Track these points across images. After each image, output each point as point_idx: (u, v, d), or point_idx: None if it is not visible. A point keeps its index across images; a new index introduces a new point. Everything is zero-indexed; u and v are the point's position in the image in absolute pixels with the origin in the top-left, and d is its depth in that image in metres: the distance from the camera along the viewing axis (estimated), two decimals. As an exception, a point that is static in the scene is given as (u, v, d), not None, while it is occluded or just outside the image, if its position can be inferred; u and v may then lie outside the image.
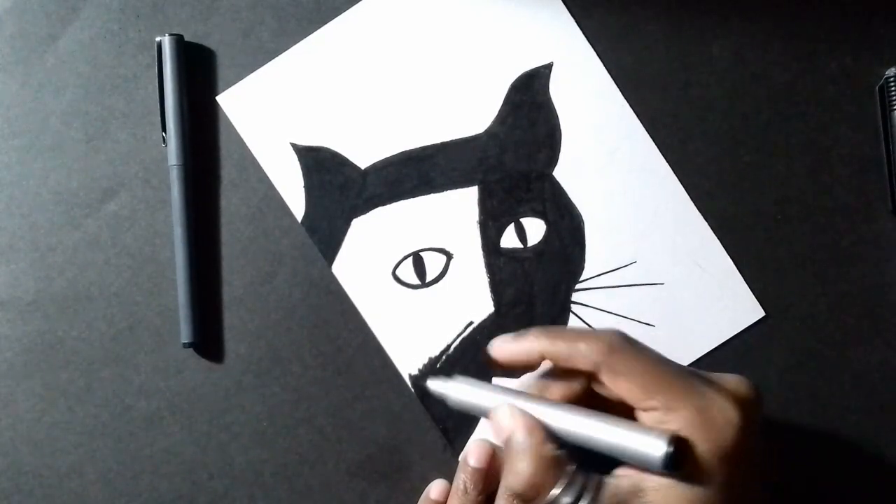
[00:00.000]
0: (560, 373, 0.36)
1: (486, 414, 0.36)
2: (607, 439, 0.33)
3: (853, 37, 0.43)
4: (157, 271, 0.43)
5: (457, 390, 0.37)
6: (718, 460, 0.32)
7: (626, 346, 0.34)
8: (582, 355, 0.34)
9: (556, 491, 0.33)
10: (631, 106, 0.43)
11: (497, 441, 0.36)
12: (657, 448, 0.31)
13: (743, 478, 0.32)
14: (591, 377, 0.35)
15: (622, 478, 0.33)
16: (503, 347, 0.37)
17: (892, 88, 0.41)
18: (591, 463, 0.34)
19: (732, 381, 0.34)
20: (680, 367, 0.35)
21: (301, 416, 0.43)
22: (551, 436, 0.34)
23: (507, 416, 0.35)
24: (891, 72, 0.42)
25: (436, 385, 0.38)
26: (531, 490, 0.33)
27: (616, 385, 0.34)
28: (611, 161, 0.43)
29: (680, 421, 0.32)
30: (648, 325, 0.43)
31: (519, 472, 0.34)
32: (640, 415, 0.33)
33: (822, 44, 0.43)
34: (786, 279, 0.43)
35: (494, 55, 0.43)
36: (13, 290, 0.43)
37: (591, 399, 0.35)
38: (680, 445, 0.31)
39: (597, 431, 0.33)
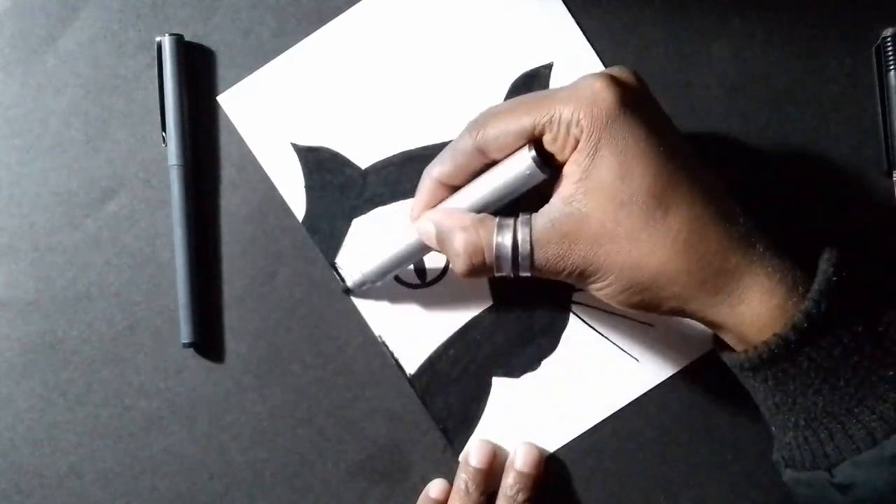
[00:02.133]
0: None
1: (406, 255, 0.40)
2: (496, 183, 0.36)
3: (853, 37, 0.43)
4: (157, 271, 0.43)
5: (368, 265, 0.41)
6: (602, 127, 0.32)
7: (489, 113, 0.36)
8: (477, 146, 0.36)
9: (495, 243, 0.34)
10: (631, 106, 0.43)
11: (435, 246, 0.37)
12: (525, 158, 0.34)
13: (638, 138, 0.33)
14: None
15: (549, 204, 0.34)
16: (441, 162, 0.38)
17: (889, 49, 0.41)
18: None
19: (610, 68, 0.35)
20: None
21: (301, 416, 0.43)
22: (466, 211, 0.36)
23: (425, 220, 0.37)
24: (887, 32, 0.41)
25: (352, 280, 0.42)
26: (475, 256, 0.35)
27: (504, 125, 0.35)
28: (611, 161, 0.43)
29: (561, 107, 0.33)
30: (648, 325, 0.43)
31: (456, 248, 0.35)
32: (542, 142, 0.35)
33: (822, 43, 0.43)
34: (786, 279, 0.43)
35: (494, 55, 0.43)
36: (13, 290, 0.43)
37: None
38: (539, 146, 0.34)
39: (486, 184, 0.36)
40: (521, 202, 0.36)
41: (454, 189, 0.37)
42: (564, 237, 0.33)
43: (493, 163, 0.36)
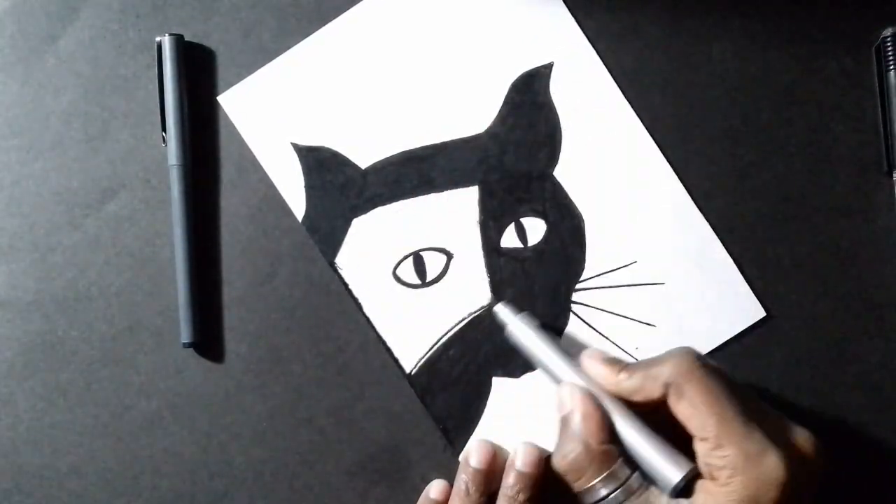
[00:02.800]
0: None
1: (541, 366, 0.40)
2: (636, 447, 0.35)
3: (853, 37, 0.43)
4: (157, 271, 0.43)
5: (523, 332, 0.40)
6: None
7: (697, 370, 0.34)
8: (654, 377, 0.35)
9: (595, 481, 0.34)
10: (631, 106, 0.43)
11: (557, 414, 0.37)
12: (672, 474, 0.33)
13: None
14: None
15: (664, 496, 0.34)
16: (591, 364, 0.38)
17: (889, 49, 0.41)
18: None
19: (800, 435, 0.35)
20: (749, 403, 0.35)
21: (301, 416, 0.43)
22: (609, 429, 0.36)
23: (570, 396, 0.37)
24: (887, 32, 0.42)
25: (505, 315, 0.41)
26: (573, 473, 0.35)
27: (679, 409, 0.34)
28: (611, 161, 0.43)
29: (725, 461, 0.32)
30: (649, 325, 0.43)
31: (566, 454, 0.35)
32: (696, 443, 0.34)
33: (822, 44, 0.43)
34: (786, 279, 0.43)
35: (494, 55, 0.43)
36: (13, 290, 0.43)
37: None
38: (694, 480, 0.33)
39: (630, 437, 0.35)
40: None
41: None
42: None
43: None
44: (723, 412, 0.33)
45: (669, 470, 0.34)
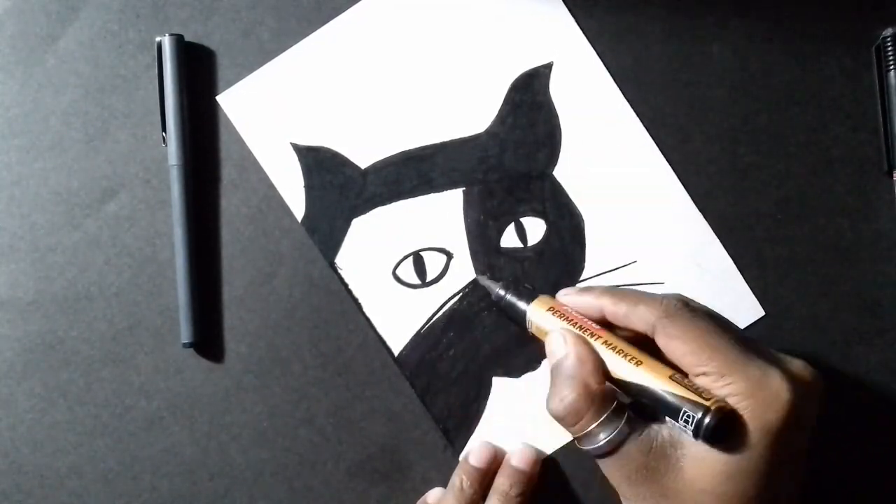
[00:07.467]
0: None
1: (526, 323, 0.38)
2: (655, 391, 0.33)
3: (853, 37, 0.43)
4: (157, 271, 0.43)
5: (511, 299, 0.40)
6: (763, 436, 0.31)
7: (683, 311, 0.34)
8: (639, 317, 0.34)
9: (594, 424, 0.33)
10: (631, 106, 0.43)
11: (549, 360, 0.36)
12: (700, 416, 0.31)
13: (782, 460, 0.32)
14: (651, 339, 0.35)
15: (664, 427, 0.33)
16: (568, 297, 0.38)
17: (889, 49, 0.41)
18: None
19: (796, 362, 0.34)
20: (740, 337, 0.34)
21: (301, 416, 0.43)
22: (603, 370, 0.34)
23: (561, 342, 0.36)
24: (887, 32, 0.42)
25: (488, 284, 0.41)
26: (571, 417, 0.34)
27: (669, 349, 0.33)
28: (611, 161, 0.43)
29: (730, 389, 0.32)
30: (648, 324, 0.43)
31: (563, 398, 0.34)
32: (694, 380, 0.33)
33: (822, 44, 0.43)
34: (786, 279, 0.43)
35: (494, 55, 0.43)
36: (13, 290, 0.43)
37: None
38: (724, 419, 0.31)
39: (646, 381, 0.33)
40: None
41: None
42: (646, 469, 0.33)
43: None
44: (717, 344, 0.33)
45: (692, 407, 0.31)
